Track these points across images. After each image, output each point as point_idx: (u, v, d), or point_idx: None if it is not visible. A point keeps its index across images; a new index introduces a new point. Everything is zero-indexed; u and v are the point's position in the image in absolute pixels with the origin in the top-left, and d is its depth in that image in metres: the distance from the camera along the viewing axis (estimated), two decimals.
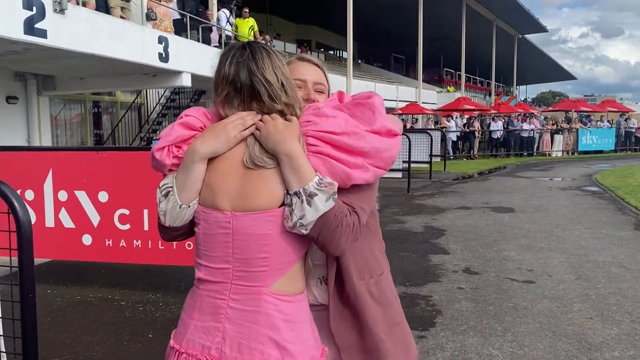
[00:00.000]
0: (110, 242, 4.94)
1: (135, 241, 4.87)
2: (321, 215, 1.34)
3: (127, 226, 4.90)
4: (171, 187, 1.44)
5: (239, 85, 1.43)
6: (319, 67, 1.75)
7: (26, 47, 6.79)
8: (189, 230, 1.52)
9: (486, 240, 7.05)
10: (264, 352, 1.37)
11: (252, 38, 14.49)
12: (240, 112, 1.44)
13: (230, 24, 12.93)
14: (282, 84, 1.45)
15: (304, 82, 1.66)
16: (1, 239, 2.28)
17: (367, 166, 1.41)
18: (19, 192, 5.08)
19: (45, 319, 4.46)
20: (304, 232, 1.36)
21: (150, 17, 9.39)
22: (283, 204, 1.37)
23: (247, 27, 14.41)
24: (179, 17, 10.88)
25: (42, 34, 6.52)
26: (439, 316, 4.35)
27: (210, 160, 1.43)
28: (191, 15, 10.75)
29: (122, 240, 4.91)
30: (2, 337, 2.30)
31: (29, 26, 6.33)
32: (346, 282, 1.54)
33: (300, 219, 1.34)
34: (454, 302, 4.66)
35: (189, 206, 1.43)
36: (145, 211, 4.83)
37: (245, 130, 1.41)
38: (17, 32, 6.21)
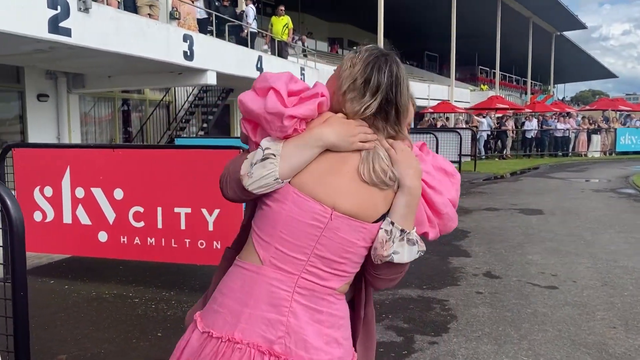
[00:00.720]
0: (125, 239, 4.96)
1: (149, 239, 4.88)
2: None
3: (142, 224, 4.91)
4: (274, 154, 1.33)
5: (382, 100, 1.40)
6: None
7: (52, 45, 6.90)
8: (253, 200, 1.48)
9: (511, 243, 6.84)
10: (328, 352, 1.37)
11: (285, 37, 14.45)
12: (363, 123, 1.40)
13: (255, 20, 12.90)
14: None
15: None
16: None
17: (435, 224, 1.49)
18: (38, 188, 5.19)
19: (59, 314, 4.51)
20: (383, 261, 1.40)
21: (173, 15, 9.45)
22: (376, 221, 1.38)
23: (282, 24, 14.39)
24: (205, 15, 10.94)
25: (67, 32, 6.61)
26: (453, 321, 4.22)
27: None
28: (217, 14, 10.81)
29: (137, 238, 4.93)
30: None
31: (54, 25, 6.43)
32: (367, 304, 1.58)
33: (395, 254, 1.38)
34: (470, 307, 4.52)
35: (282, 182, 1.34)
36: (159, 209, 4.84)
37: (366, 143, 1.38)
38: (42, 31, 6.31)
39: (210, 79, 9.86)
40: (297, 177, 1.35)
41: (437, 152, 11.52)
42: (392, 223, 1.37)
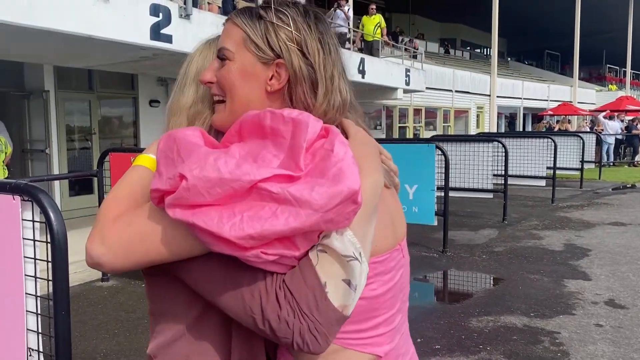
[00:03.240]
0: None
1: None
2: None
3: None
4: (359, 256, 0.85)
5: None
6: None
7: (154, 52, 7.07)
8: None
9: None
10: None
11: (378, 36, 14.01)
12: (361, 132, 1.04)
13: (347, 16, 12.54)
14: None
15: None
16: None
17: None
18: None
19: (142, 320, 4.49)
20: None
21: None
22: None
23: (373, 24, 13.99)
24: None
25: (168, 39, 6.73)
26: (565, 359, 3.60)
27: None
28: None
29: None
30: (41, 354, 2.16)
31: (155, 32, 6.57)
32: None
33: None
34: (587, 343, 3.85)
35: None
36: None
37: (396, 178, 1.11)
38: (144, 38, 6.47)
39: None
40: (377, 238, 0.97)
41: (555, 157, 10.55)
42: None
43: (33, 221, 2.12)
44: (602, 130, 19.22)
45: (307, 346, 0.82)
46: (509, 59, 38.11)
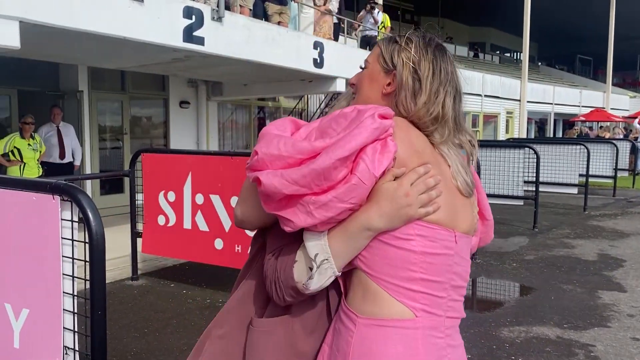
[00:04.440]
0: (240, 249, 4.87)
1: None
2: None
3: None
4: (327, 259, 1.17)
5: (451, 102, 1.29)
6: None
7: (187, 54, 7.14)
8: None
9: None
10: None
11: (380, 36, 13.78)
12: (418, 167, 1.18)
13: (376, 20, 12.42)
14: None
15: None
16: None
17: (478, 231, 1.51)
18: (162, 192, 5.31)
19: (172, 320, 4.52)
20: None
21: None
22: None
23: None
24: (335, 21, 10.84)
25: (200, 41, 6.78)
26: None
27: None
28: (348, 20, 10.65)
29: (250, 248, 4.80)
30: (77, 352, 2.18)
31: (188, 34, 6.62)
32: None
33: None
34: (623, 357, 3.74)
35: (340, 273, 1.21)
36: None
37: (430, 206, 1.18)
38: (177, 40, 6.53)
39: (340, 86, 9.69)
40: None
41: (588, 165, 10.32)
42: None
43: (72, 221, 2.15)
44: (637, 137, 18.76)
45: (270, 294, 1.22)
46: (540, 63, 37.54)
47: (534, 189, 8.41)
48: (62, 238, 2.16)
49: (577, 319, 4.50)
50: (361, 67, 1.36)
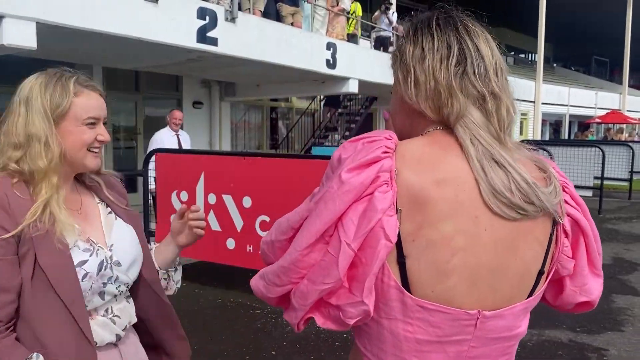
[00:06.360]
0: (251, 249, 4.89)
1: None
2: None
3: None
4: None
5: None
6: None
7: (200, 55, 7.19)
8: None
9: None
10: None
11: (352, 28, 13.05)
12: None
13: (390, 21, 12.36)
14: None
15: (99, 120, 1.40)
16: None
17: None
18: (175, 192, 5.34)
19: (184, 319, 4.50)
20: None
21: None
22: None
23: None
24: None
25: (213, 42, 6.83)
26: None
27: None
28: (363, 21, 10.66)
29: None
30: None
31: (202, 35, 6.68)
32: None
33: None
34: None
35: None
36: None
37: None
38: (191, 41, 6.59)
39: (352, 87, 9.71)
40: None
41: (603, 167, 10.21)
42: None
43: None
44: None
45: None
46: (555, 64, 37.20)
47: None
48: None
49: (590, 322, 4.45)
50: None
